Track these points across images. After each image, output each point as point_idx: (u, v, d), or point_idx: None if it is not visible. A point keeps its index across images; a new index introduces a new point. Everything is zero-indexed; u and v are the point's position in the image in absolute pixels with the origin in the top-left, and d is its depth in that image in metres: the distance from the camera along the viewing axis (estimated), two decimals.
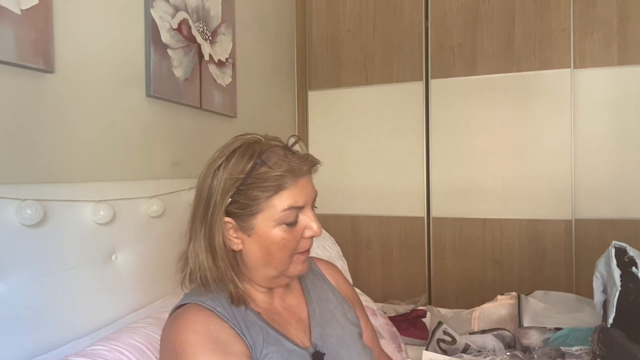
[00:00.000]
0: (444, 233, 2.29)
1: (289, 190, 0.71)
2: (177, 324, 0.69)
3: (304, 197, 0.72)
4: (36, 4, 0.91)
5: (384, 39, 2.36)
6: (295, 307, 0.81)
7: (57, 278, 0.92)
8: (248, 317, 0.72)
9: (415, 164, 2.32)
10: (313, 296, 0.84)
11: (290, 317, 0.79)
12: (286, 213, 0.71)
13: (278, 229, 0.71)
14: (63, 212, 0.94)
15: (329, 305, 0.84)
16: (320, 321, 0.80)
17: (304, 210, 0.73)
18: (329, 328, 0.80)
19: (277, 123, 2.28)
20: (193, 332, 0.66)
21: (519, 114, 2.16)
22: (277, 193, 0.70)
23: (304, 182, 0.73)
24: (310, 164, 0.74)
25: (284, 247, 0.72)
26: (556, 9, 2.10)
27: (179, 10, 1.40)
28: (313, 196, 0.75)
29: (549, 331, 1.33)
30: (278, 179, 0.69)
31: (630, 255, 1.22)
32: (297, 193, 0.71)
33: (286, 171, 0.70)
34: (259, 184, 0.69)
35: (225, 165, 0.71)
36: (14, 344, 0.83)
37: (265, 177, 0.69)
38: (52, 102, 0.98)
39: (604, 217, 2.06)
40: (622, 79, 2.02)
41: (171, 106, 1.39)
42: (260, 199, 0.70)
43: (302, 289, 0.85)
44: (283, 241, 0.71)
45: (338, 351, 0.77)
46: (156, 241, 1.21)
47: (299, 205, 0.72)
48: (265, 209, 0.70)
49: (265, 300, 0.79)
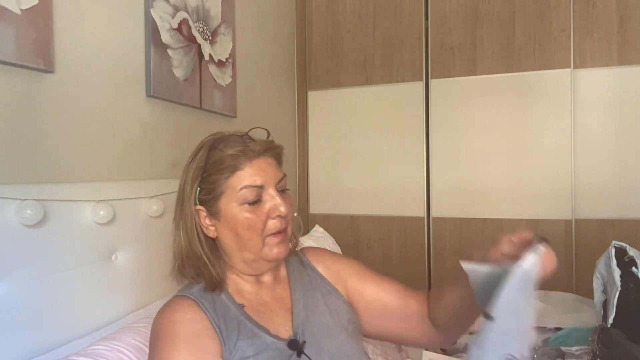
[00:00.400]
0: (444, 233, 2.29)
1: (244, 171, 0.75)
2: (160, 313, 0.74)
3: (261, 177, 0.75)
4: (36, 4, 0.91)
5: (384, 39, 2.36)
6: (283, 298, 0.82)
7: (57, 278, 0.92)
8: (228, 311, 0.75)
9: (415, 164, 2.32)
10: (299, 286, 0.85)
11: (277, 308, 0.80)
12: (244, 192, 0.74)
13: (241, 209, 0.75)
14: (63, 212, 0.94)
15: (316, 294, 0.85)
16: (303, 310, 0.81)
17: (267, 191, 0.76)
18: (314, 316, 0.80)
19: (277, 123, 2.28)
20: (171, 322, 0.71)
21: (519, 114, 2.16)
22: (234, 173, 0.75)
23: (261, 162, 0.76)
24: (266, 146, 0.78)
25: (249, 226, 0.75)
26: (556, 9, 2.10)
27: (179, 10, 1.40)
28: (276, 178, 0.78)
29: (549, 331, 1.33)
30: (233, 159, 0.74)
31: (630, 255, 1.22)
32: (253, 173, 0.75)
33: (239, 152, 0.75)
34: (217, 167, 0.75)
35: (194, 160, 0.78)
36: (14, 344, 0.83)
37: (221, 160, 0.75)
38: (52, 102, 0.98)
39: (604, 217, 2.06)
40: (622, 79, 2.02)
41: (171, 106, 1.39)
42: (220, 181, 0.75)
43: (289, 279, 0.86)
44: (247, 221, 0.75)
45: (321, 339, 0.77)
46: (156, 241, 1.21)
47: (257, 184, 0.75)
48: (226, 191, 0.75)
49: (252, 292, 0.81)
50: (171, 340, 0.68)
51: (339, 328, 0.81)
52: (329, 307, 0.83)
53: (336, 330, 0.81)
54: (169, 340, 0.68)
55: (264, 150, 0.78)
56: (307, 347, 0.75)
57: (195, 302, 0.74)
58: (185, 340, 0.68)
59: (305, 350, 0.74)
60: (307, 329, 0.78)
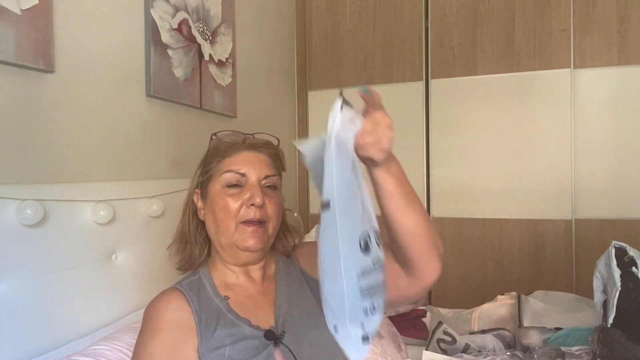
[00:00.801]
0: (444, 233, 2.29)
1: (233, 158, 0.82)
2: (150, 302, 0.81)
3: (247, 167, 0.81)
4: (36, 4, 0.91)
5: (384, 38, 2.36)
6: (268, 292, 0.85)
7: (57, 278, 0.92)
8: (211, 303, 0.79)
9: (415, 164, 2.32)
10: (283, 279, 0.87)
11: (262, 301, 0.83)
12: (227, 175, 0.81)
13: (222, 192, 0.80)
14: (63, 212, 0.94)
15: (300, 287, 0.87)
16: (286, 302, 0.83)
17: (249, 181, 0.81)
18: (297, 308, 0.82)
19: (277, 123, 2.28)
20: (156, 310, 0.77)
21: (519, 114, 2.16)
22: (224, 159, 0.82)
23: (250, 154, 0.83)
24: (261, 142, 0.85)
25: (224, 208, 0.80)
26: (556, 9, 2.10)
27: (179, 10, 1.40)
28: (262, 173, 0.82)
29: (549, 331, 1.33)
30: (226, 147, 0.83)
31: (630, 256, 1.22)
32: (239, 161, 0.82)
33: (233, 140, 0.84)
34: (213, 152, 0.84)
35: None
36: (14, 344, 0.83)
37: (217, 146, 0.84)
38: (52, 102, 0.98)
39: (604, 217, 2.06)
40: (622, 79, 2.02)
41: (171, 106, 1.39)
42: (212, 163, 0.83)
43: (275, 275, 0.89)
44: (223, 202, 0.80)
45: (302, 330, 0.79)
46: (156, 241, 1.21)
47: (240, 171, 0.81)
48: (215, 173, 0.82)
49: (239, 285, 0.84)
50: (153, 327, 0.74)
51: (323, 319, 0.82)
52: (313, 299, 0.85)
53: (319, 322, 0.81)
54: (151, 328, 0.75)
55: (258, 146, 0.84)
56: (286, 337, 0.77)
57: (181, 293, 0.79)
58: (166, 329, 0.74)
59: (283, 341, 0.76)
60: (288, 320, 0.80)
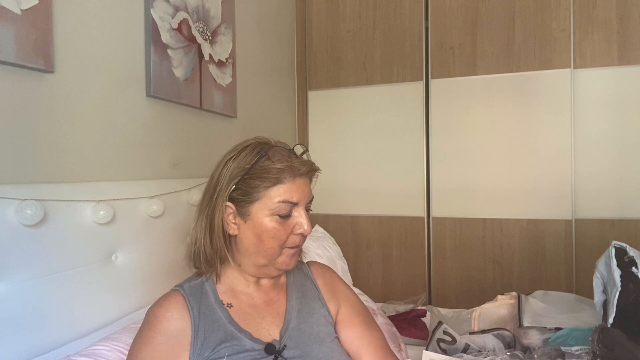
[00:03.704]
0: (444, 233, 2.29)
1: (286, 185, 0.78)
2: (152, 305, 0.79)
3: (298, 195, 0.79)
4: (36, 4, 0.91)
5: (384, 39, 2.36)
6: (275, 302, 0.84)
7: (57, 278, 0.92)
8: (213, 313, 0.78)
9: (415, 164, 2.32)
10: (296, 293, 0.87)
11: (266, 311, 0.82)
12: (280, 205, 0.78)
13: (271, 219, 0.78)
14: (63, 212, 0.94)
15: (311, 303, 0.87)
16: (297, 316, 0.83)
17: (297, 209, 0.80)
18: (305, 324, 0.82)
19: (277, 123, 2.28)
20: (154, 318, 0.76)
21: (519, 114, 2.16)
22: (275, 185, 0.78)
23: (301, 182, 0.80)
24: (310, 167, 0.82)
25: (274, 236, 0.78)
26: (556, 9, 2.10)
27: (179, 10, 1.40)
28: (308, 198, 0.82)
29: (549, 331, 1.33)
30: (278, 173, 0.78)
31: (630, 256, 1.22)
32: (293, 189, 0.79)
33: (287, 167, 0.78)
34: (260, 174, 0.78)
35: (236, 158, 0.81)
36: (14, 344, 0.83)
37: (267, 169, 0.78)
38: (52, 102, 0.98)
39: (604, 217, 2.06)
40: (622, 79, 2.02)
41: (171, 106, 1.39)
42: (260, 188, 0.78)
43: (287, 286, 0.88)
44: (274, 230, 0.78)
45: (310, 345, 0.79)
46: (156, 241, 1.21)
47: (293, 200, 0.79)
48: (262, 198, 0.78)
49: (246, 292, 0.83)
50: (148, 335, 0.74)
51: (331, 337, 0.83)
52: (322, 317, 0.85)
53: (327, 339, 0.82)
54: (146, 335, 0.74)
55: (307, 171, 0.82)
56: (287, 351, 0.76)
57: (183, 298, 0.78)
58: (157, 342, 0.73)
59: (284, 354, 0.76)
60: (295, 335, 0.79)
